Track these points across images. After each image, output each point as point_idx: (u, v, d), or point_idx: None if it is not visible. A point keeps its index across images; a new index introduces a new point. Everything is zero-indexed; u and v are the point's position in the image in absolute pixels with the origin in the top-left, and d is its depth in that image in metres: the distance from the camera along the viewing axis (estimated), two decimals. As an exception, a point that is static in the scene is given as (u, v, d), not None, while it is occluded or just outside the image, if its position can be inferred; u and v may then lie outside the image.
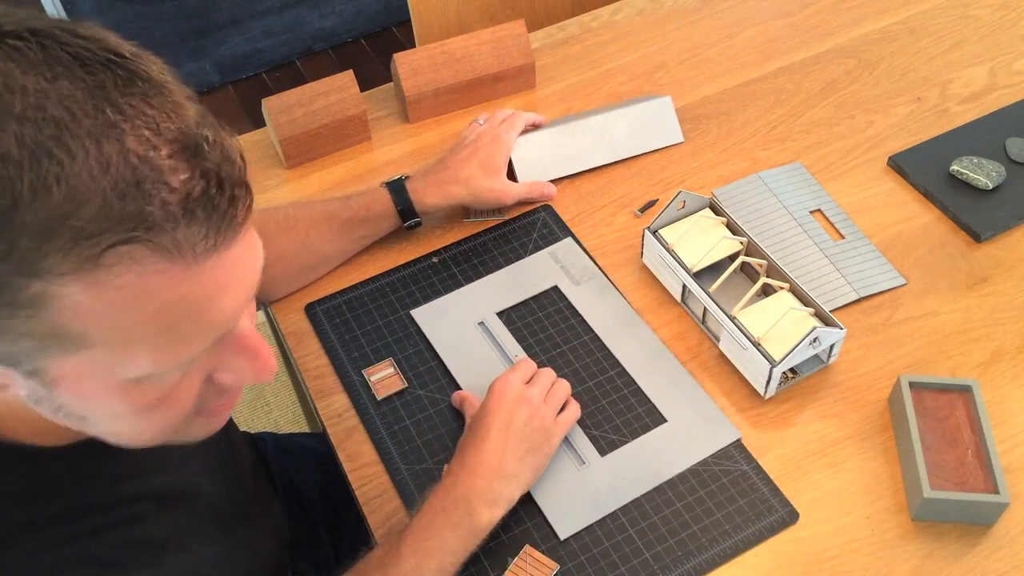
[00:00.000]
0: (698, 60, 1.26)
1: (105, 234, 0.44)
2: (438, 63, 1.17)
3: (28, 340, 0.47)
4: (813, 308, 0.91)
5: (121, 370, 0.49)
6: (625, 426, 0.90)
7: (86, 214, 0.43)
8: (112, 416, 0.53)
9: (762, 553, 0.82)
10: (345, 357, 0.96)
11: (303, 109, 1.12)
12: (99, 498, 0.62)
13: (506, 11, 1.50)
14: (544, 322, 0.98)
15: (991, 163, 1.08)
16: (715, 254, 0.97)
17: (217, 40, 2.46)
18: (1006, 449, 0.87)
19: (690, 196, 0.98)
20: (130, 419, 0.53)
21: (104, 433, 0.55)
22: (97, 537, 0.60)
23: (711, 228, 0.99)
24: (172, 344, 0.49)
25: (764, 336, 0.89)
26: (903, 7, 1.31)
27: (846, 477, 0.86)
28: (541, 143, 1.12)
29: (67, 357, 0.48)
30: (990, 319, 0.97)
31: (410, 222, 1.02)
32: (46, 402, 0.52)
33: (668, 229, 0.99)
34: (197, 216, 0.46)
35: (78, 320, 0.46)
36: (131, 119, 0.45)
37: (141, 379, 0.50)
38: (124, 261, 0.45)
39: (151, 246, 0.45)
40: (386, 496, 0.87)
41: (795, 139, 1.15)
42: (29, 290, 0.44)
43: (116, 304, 0.46)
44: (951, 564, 0.81)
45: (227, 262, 0.49)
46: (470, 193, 1.01)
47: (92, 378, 0.50)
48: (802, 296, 0.92)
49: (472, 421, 0.85)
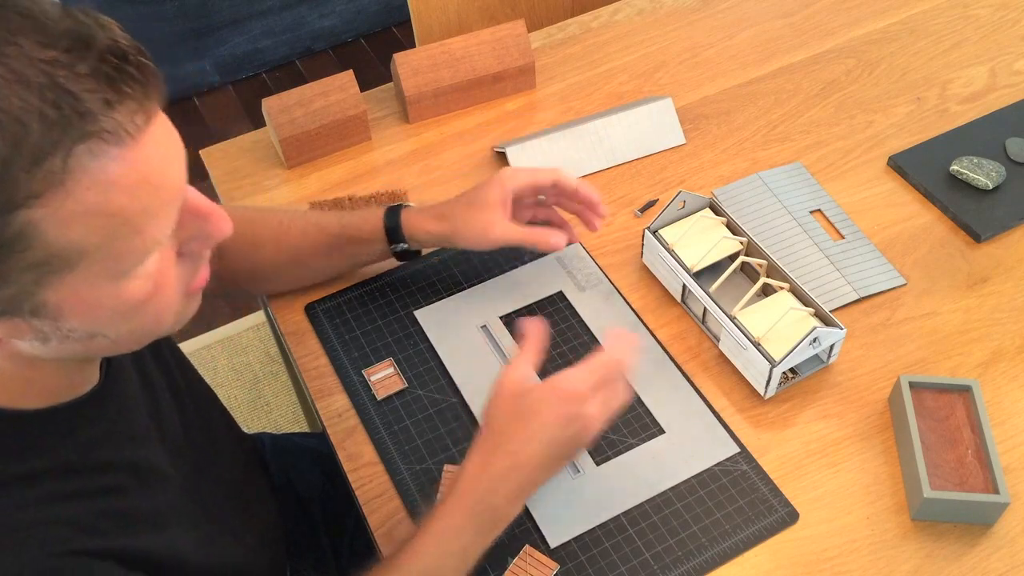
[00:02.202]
0: (698, 60, 1.26)
1: (59, 143, 0.47)
2: (438, 63, 1.17)
3: (28, 273, 0.50)
4: (813, 308, 0.91)
5: (114, 266, 0.53)
6: (622, 435, 0.90)
7: (34, 132, 0.46)
8: (119, 319, 0.56)
9: (762, 553, 0.82)
10: (345, 357, 0.96)
11: (303, 109, 1.12)
12: (77, 461, 0.63)
13: (506, 11, 1.50)
14: (544, 322, 0.98)
15: (991, 163, 1.08)
16: (715, 254, 0.97)
17: (217, 40, 2.46)
18: (1006, 449, 0.87)
19: (690, 196, 0.98)
20: (136, 316, 0.57)
21: (117, 339, 0.59)
22: (75, 501, 0.62)
23: (711, 228, 0.99)
24: (148, 224, 0.53)
25: (764, 336, 0.89)
26: (903, 7, 1.31)
27: (846, 477, 0.86)
28: (540, 150, 1.12)
29: (65, 277, 0.51)
30: (990, 319, 0.97)
31: (396, 246, 0.94)
32: (54, 336, 0.55)
33: (668, 229, 0.99)
34: (124, 92, 0.49)
35: (66, 233, 0.49)
36: (17, 34, 0.47)
37: (132, 270, 0.54)
38: (84, 161, 0.48)
39: (101, 137, 0.48)
40: (386, 496, 0.87)
41: (795, 139, 1.15)
42: (14, 224, 0.47)
43: (92, 205, 0.49)
44: (951, 564, 0.81)
45: (160, 135, 0.53)
46: (453, 223, 0.92)
47: (92, 288, 0.53)
48: (802, 296, 0.92)
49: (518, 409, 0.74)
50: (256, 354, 2.00)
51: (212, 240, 0.60)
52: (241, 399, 1.92)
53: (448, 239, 0.93)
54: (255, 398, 1.93)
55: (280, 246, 0.95)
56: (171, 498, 0.72)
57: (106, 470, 0.66)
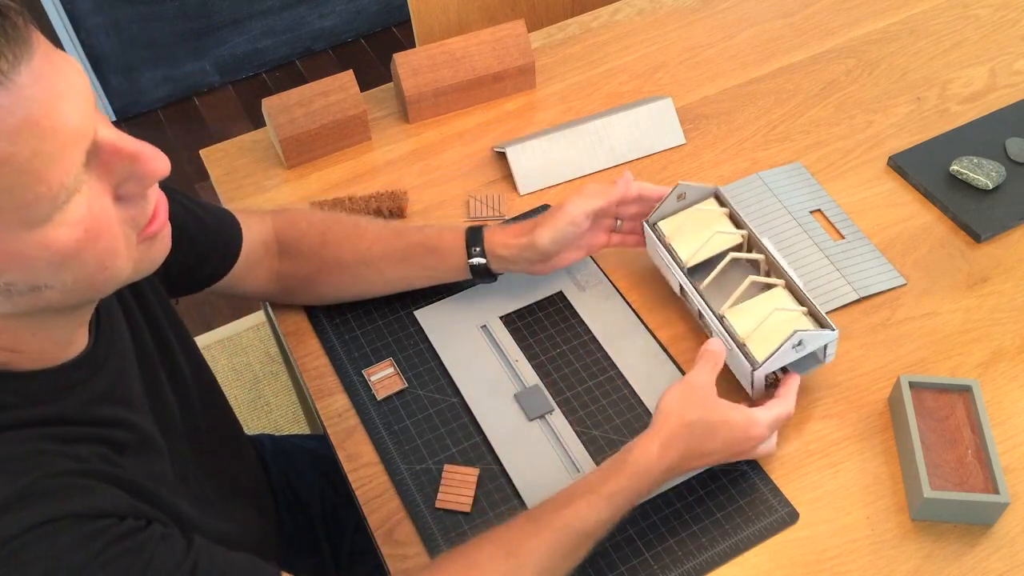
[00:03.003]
0: (698, 60, 1.26)
1: None
2: (438, 63, 1.17)
3: None
4: (807, 307, 0.88)
5: (25, 215, 0.52)
6: (622, 435, 0.90)
7: None
8: (56, 268, 0.55)
9: (762, 553, 0.82)
10: (345, 357, 0.96)
11: (303, 109, 1.12)
12: (75, 415, 0.63)
13: (506, 11, 1.50)
14: (544, 322, 0.98)
15: (991, 163, 1.08)
16: (711, 248, 0.94)
17: (217, 40, 2.46)
18: (1006, 449, 0.87)
19: (691, 188, 0.95)
20: (74, 264, 0.56)
21: (65, 290, 0.57)
22: (75, 444, 0.62)
23: (711, 220, 0.96)
24: (47, 168, 0.51)
25: (750, 336, 0.87)
26: (903, 7, 1.31)
27: (846, 477, 0.86)
28: (540, 151, 1.12)
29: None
30: (990, 319, 0.97)
31: (473, 258, 0.93)
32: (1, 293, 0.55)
33: (668, 221, 0.96)
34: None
35: None
36: None
37: (50, 217, 0.53)
38: None
39: None
40: (386, 496, 0.87)
41: (795, 139, 1.15)
42: None
43: None
44: (951, 564, 0.81)
45: (43, 73, 0.50)
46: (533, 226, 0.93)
47: (12, 240, 0.52)
48: (797, 293, 0.89)
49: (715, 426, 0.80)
50: (256, 354, 2.00)
51: (147, 180, 0.58)
52: (241, 399, 1.92)
53: (528, 247, 0.92)
54: (255, 398, 1.93)
55: (353, 246, 0.94)
56: (163, 468, 0.72)
57: (106, 424, 0.66)
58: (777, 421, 0.83)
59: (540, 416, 0.91)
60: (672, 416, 0.79)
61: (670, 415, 0.79)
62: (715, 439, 0.80)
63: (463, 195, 1.11)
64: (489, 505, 0.85)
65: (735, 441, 0.81)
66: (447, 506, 0.85)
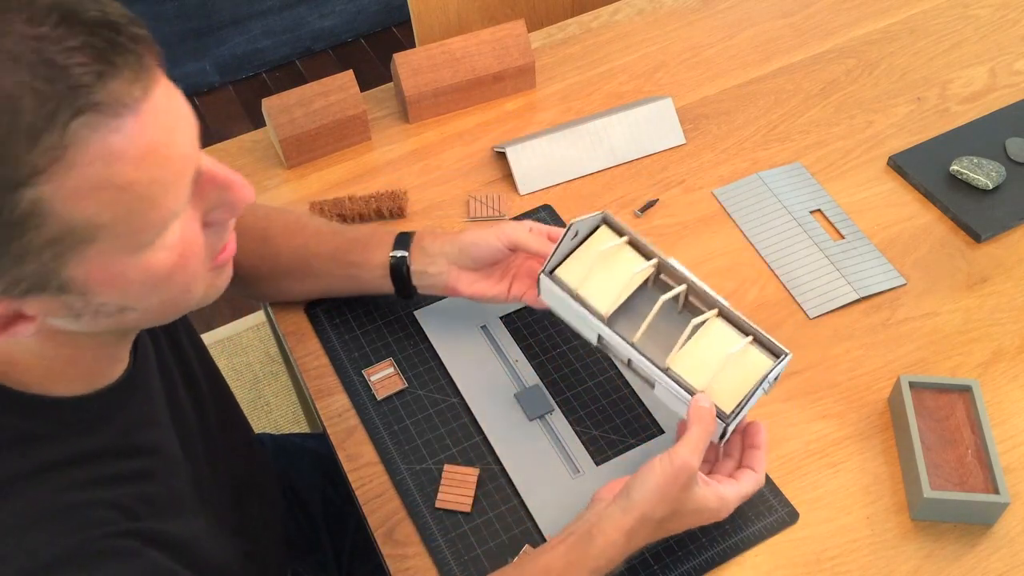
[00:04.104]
0: (698, 60, 1.26)
1: (54, 118, 0.47)
2: (438, 63, 1.17)
3: (46, 251, 0.50)
4: (750, 333, 0.79)
5: (134, 239, 0.53)
6: (621, 435, 0.90)
7: (28, 109, 0.46)
8: (148, 291, 0.57)
9: (762, 553, 0.82)
10: (345, 357, 0.96)
11: (303, 109, 1.12)
12: (114, 445, 0.64)
13: (506, 11, 1.50)
14: (544, 322, 0.98)
15: (991, 163, 1.08)
16: (628, 288, 0.82)
17: (217, 40, 2.46)
18: (1006, 449, 0.87)
19: (583, 222, 0.82)
20: (164, 287, 0.57)
21: (147, 311, 0.59)
22: (115, 485, 0.63)
23: (616, 257, 0.83)
24: (162, 195, 0.53)
25: (707, 385, 0.77)
26: (903, 7, 1.31)
27: (846, 477, 0.86)
28: (540, 151, 1.12)
29: (86, 251, 0.52)
30: (990, 319, 0.97)
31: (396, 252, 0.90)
32: (86, 312, 0.56)
33: (569, 269, 0.83)
34: (116, 64, 0.49)
35: (76, 209, 0.49)
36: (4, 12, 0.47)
37: (153, 241, 0.54)
38: (83, 134, 0.48)
39: (96, 109, 0.48)
40: (386, 496, 0.87)
41: (795, 139, 1.15)
42: (22, 203, 0.48)
43: (98, 179, 0.49)
44: (951, 564, 0.81)
45: (161, 105, 0.52)
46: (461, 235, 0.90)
47: (115, 262, 0.53)
48: (734, 320, 0.79)
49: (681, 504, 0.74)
50: (256, 354, 2.00)
51: (235, 208, 0.60)
52: (241, 399, 1.91)
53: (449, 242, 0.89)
54: (255, 398, 1.93)
55: (288, 242, 0.93)
56: (184, 484, 0.73)
57: (139, 454, 0.67)
58: (745, 497, 0.79)
59: (540, 416, 0.91)
60: (645, 507, 0.73)
61: (643, 506, 0.73)
62: (682, 523, 0.76)
63: (463, 195, 1.11)
64: (489, 505, 0.85)
65: (700, 522, 0.77)
66: (447, 506, 0.85)
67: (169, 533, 0.66)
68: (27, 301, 0.53)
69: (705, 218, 1.08)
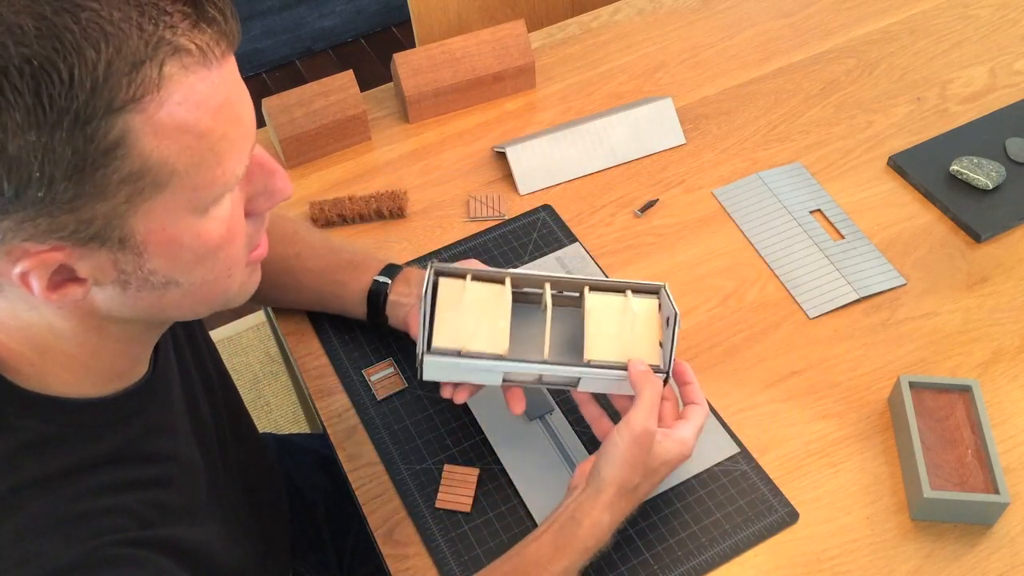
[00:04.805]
0: (698, 60, 1.26)
1: (155, 52, 0.50)
2: (438, 63, 1.17)
3: (123, 188, 0.52)
4: (624, 288, 0.82)
5: (196, 197, 0.55)
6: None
7: (133, 40, 0.49)
8: (195, 262, 0.58)
9: (762, 553, 0.82)
10: (345, 357, 0.96)
11: (303, 109, 1.12)
12: (127, 451, 0.65)
13: (506, 11, 1.50)
14: (544, 322, 0.98)
15: (991, 163, 1.08)
16: (506, 316, 0.80)
17: (217, 40, 2.46)
18: (1006, 449, 0.87)
19: (425, 288, 0.79)
20: (211, 262, 0.59)
21: (188, 292, 0.60)
22: (127, 491, 0.63)
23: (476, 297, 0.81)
24: (228, 153, 0.55)
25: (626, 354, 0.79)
26: (903, 7, 1.31)
27: (846, 477, 0.86)
28: (540, 150, 1.12)
29: (155, 199, 0.53)
30: (990, 319, 0.97)
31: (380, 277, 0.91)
32: (134, 279, 0.57)
33: (443, 334, 0.79)
34: (209, 19, 0.53)
35: (158, 146, 0.51)
36: None
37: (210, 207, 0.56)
38: (175, 72, 0.51)
39: (190, 53, 0.51)
40: (386, 496, 0.87)
41: (795, 139, 1.15)
42: (115, 129, 0.50)
43: (181, 120, 0.52)
44: (951, 564, 0.81)
45: (234, 71, 0.56)
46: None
47: (174, 221, 0.55)
48: (605, 287, 0.82)
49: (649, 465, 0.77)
50: (256, 354, 2.00)
51: (275, 197, 0.63)
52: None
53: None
54: (255, 398, 1.93)
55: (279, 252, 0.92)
56: (200, 491, 0.73)
57: (154, 461, 0.67)
58: (701, 429, 0.81)
59: (540, 416, 0.91)
60: (618, 480, 0.76)
61: (616, 480, 0.76)
62: (657, 478, 0.79)
63: (463, 195, 1.11)
64: (489, 505, 0.85)
65: (672, 469, 0.80)
66: (447, 506, 0.85)
67: (182, 540, 0.66)
68: (86, 254, 0.54)
69: (705, 218, 1.08)
